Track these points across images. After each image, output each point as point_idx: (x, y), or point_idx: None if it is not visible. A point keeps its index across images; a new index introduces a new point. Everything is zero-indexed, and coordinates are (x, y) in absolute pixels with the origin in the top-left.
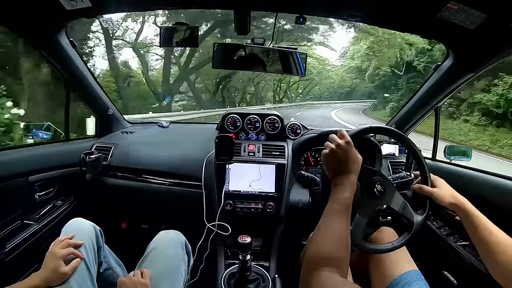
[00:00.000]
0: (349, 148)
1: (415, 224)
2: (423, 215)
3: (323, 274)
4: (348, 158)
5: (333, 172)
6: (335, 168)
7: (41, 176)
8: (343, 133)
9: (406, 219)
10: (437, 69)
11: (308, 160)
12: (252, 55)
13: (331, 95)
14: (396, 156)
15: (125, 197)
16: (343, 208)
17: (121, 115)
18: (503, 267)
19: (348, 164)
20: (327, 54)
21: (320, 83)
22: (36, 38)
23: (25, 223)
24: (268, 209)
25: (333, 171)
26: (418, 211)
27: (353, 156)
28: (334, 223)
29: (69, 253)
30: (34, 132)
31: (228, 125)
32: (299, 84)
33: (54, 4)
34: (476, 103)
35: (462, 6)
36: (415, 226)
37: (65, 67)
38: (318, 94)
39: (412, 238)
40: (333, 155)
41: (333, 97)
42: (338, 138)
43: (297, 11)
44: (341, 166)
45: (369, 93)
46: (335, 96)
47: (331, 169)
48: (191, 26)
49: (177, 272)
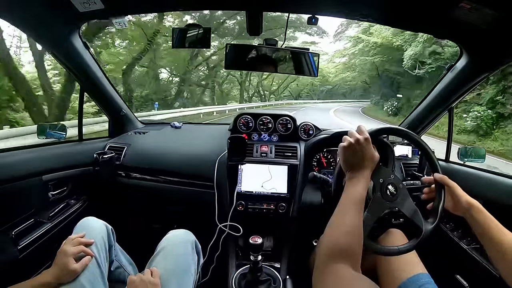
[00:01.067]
0: (367, 144)
1: (423, 232)
2: (433, 224)
3: (336, 267)
4: (365, 154)
5: (348, 165)
6: (351, 162)
7: (55, 175)
8: (362, 129)
9: (415, 225)
10: (451, 69)
11: (320, 161)
12: (265, 56)
13: (310, 93)
14: (409, 158)
15: (137, 197)
16: (356, 202)
17: (134, 115)
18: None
19: (364, 160)
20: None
21: (299, 79)
22: (50, 40)
23: (38, 221)
24: (280, 210)
25: (348, 164)
26: (428, 219)
27: (370, 152)
28: (347, 216)
29: (80, 251)
30: (49, 132)
31: (240, 125)
32: (273, 78)
33: (68, 6)
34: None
35: (475, 5)
36: (423, 234)
37: (79, 68)
38: (296, 91)
39: (419, 245)
40: (350, 149)
41: (312, 96)
42: (357, 134)
43: (308, 11)
44: (358, 161)
45: (362, 93)
46: (315, 95)
47: (346, 163)
48: (204, 28)
49: (187, 271)
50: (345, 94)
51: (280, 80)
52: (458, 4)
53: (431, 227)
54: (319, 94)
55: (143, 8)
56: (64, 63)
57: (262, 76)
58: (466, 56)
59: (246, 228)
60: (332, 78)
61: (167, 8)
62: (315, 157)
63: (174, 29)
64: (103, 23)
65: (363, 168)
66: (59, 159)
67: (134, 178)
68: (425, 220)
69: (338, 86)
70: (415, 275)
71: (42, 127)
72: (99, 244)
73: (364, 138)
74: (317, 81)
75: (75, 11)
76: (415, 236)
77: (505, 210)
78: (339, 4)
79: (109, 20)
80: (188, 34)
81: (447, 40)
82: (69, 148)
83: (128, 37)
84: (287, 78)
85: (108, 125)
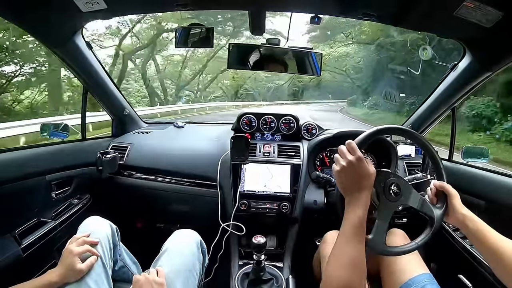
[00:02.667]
0: (360, 164)
1: (436, 218)
2: (442, 208)
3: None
4: (360, 175)
5: (345, 190)
6: (347, 185)
7: (58, 175)
8: (353, 147)
9: (426, 215)
10: (454, 68)
11: (323, 161)
12: (267, 56)
13: (253, 92)
14: (412, 157)
15: (140, 196)
16: (356, 230)
17: (137, 115)
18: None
19: (360, 181)
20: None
21: (236, 73)
22: (52, 39)
23: (42, 220)
24: (283, 210)
25: (346, 189)
26: (437, 205)
27: (365, 171)
28: (348, 248)
29: (86, 250)
30: (52, 131)
31: (243, 125)
32: (200, 73)
33: (71, 6)
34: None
35: (479, 4)
36: (436, 220)
37: (82, 68)
38: (230, 90)
39: (434, 234)
40: (344, 173)
41: (254, 95)
42: (348, 154)
43: (311, 10)
44: (354, 184)
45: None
46: (259, 94)
47: (343, 187)
48: (207, 27)
49: (192, 271)
50: (296, 93)
51: (208, 74)
52: (462, 3)
53: (441, 212)
54: (265, 93)
55: (145, 8)
56: (67, 62)
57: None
58: (469, 55)
59: (249, 227)
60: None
61: (169, 8)
62: (318, 157)
63: (177, 29)
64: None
65: (361, 190)
66: (62, 159)
67: (137, 177)
68: (434, 206)
69: (290, 83)
70: (418, 276)
71: (45, 127)
72: (104, 244)
73: (356, 159)
74: (264, 75)
75: (78, 11)
76: (428, 226)
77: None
78: (341, 4)
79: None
80: (191, 33)
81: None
82: (72, 147)
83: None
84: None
85: (111, 125)
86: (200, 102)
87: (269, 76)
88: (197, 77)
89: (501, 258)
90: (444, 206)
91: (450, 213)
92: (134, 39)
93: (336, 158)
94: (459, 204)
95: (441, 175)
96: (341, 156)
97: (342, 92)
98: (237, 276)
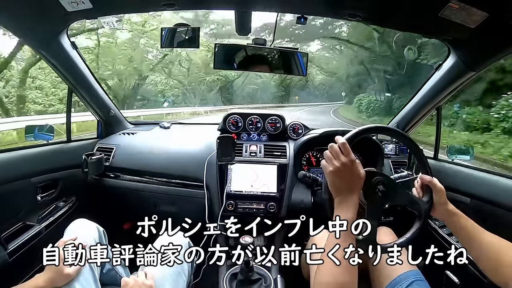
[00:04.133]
0: (353, 166)
1: (423, 211)
2: (428, 203)
3: None
4: (353, 177)
5: (337, 190)
6: (339, 187)
7: (43, 177)
8: (347, 148)
9: (413, 209)
10: (439, 68)
11: (310, 160)
12: (253, 56)
13: (181, 91)
14: (398, 156)
15: (127, 198)
16: (345, 237)
17: (122, 116)
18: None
19: (353, 183)
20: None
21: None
22: (37, 40)
23: (28, 224)
24: (270, 210)
25: (337, 190)
26: (423, 198)
27: (357, 173)
28: (335, 272)
29: None
30: (37, 133)
31: (229, 125)
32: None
33: (55, 5)
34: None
35: (464, 5)
36: (424, 214)
37: (67, 68)
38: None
39: (423, 227)
40: (337, 174)
41: (184, 97)
42: (341, 155)
43: (297, 11)
44: (346, 185)
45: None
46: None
47: (335, 188)
48: (193, 27)
49: (180, 273)
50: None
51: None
52: (447, 4)
53: (428, 205)
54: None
55: (131, 7)
56: (52, 63)
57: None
58: (454, 55)
59: (237, 228)
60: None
61: (155, 8)
62: (305, 156)
63: (163, 29)
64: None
65: (353, 191)
66: (47, 161)
67: (123, 179)
68: (420, 200)
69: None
70: (406, 272)
71: (30, 128)
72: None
73: (349, 160)
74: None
75: (63, 10)
76: (417, 221)
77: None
78: (327, 4)
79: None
80: (177, 33)
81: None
82: (57, 149)
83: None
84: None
85: (97, 126)
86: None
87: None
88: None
89: (485, 251)
90: (430, 199)
91: (436, 208)
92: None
93: (329, 157)
94: (444, 199)
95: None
96: (334, 156)
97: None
98: (225, 276)
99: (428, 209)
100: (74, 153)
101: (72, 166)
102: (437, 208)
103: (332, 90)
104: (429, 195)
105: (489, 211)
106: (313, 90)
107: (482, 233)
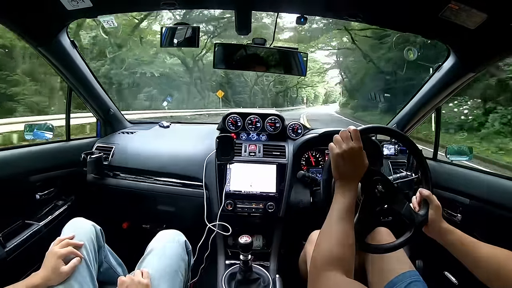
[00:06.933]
0: (360, 153)
1: (416, 223)
2: (424, 216)
3: (330, 274)
4: (358, 164)
5: (339, 173)
6: (343, 170)
7: (42, 176)
8: (356, 136)
9: (407, 219)
10: (438, 69)
11: (309, 160)
12: (253, 55)
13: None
14: (397, 156)
15: (126, 197)
16: (346, 214)
17: (122, 115)
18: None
19: (356, 170)
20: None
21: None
22: (37, 38)
23: (26, 222)
24: (269, 209)
25: (340, 173)
26: (419, 212)
27: (362, 161)
28: (336, 225)
29: (69, 252)
30: (36, 132)
31: (229, 125)
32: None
33: (55, 4)
34: None
35: (463, 6)
36: (416, 226)
37: (66, 67)
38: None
39: (412, 238)
40: (343, 157)
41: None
42: (351, 141)
43: (297, 11)
44: (350, 170)
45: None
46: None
47: (338, 170)
48: (192, 26)
49: (177, 272)
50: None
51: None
52: (447, 5)
53: (423, 219)
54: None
55: (131, 6)
56: (52, 62)
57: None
58: (453, 56)
59: (235, 227)
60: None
61: (154, 7)
62: (304, 156)
63: (163, 27)
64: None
65: (355, 178)
66: (46, 159)
67: (122, 178)
68: (417, 212)
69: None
70: (404, 273)
71: (29, 127)
72: (88, 245)
73: (358, 147)
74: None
75: (63, 9)
76: (408, 230)
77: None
78: (327, 4)
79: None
80: (177, 32)
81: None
82: (57, 148)
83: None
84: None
85: (96, 125)
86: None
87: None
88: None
89: (484, 265)
90: (425, 214)
91: (430, 224)
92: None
93: (338, 140)
94: (439, 217)
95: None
96: (343, 140)
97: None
98: (223, 276)
99: (422, 222)
100: (73, 152)
101: (71, 164)
102: (431, 225)
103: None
104: (425, 210)
105: (488, 211)
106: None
107: (478, 248)
